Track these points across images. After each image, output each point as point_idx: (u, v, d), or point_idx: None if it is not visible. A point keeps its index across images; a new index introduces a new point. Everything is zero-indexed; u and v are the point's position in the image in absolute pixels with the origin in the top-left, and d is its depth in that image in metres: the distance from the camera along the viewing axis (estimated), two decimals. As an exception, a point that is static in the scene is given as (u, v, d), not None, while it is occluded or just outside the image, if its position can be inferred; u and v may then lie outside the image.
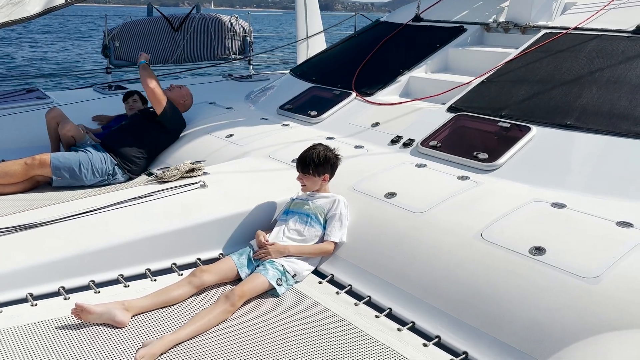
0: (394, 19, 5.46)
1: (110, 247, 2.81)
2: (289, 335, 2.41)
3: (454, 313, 2.44)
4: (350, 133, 4.09)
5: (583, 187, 2.95)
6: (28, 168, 3.89)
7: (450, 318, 2.44)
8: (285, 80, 5.50)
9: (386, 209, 3.03)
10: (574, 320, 2.17)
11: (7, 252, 2.68)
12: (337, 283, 2.86)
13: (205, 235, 3.06)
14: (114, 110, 5.13)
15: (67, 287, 2.66)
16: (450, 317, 2.44)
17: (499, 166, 3.24)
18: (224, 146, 4.20)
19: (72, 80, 12.75)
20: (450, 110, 3.85)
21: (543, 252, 2.43)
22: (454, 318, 2.43)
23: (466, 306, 2.43)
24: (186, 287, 2.67)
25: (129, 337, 2.35)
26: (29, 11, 3.03)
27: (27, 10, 3.00)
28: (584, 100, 3.42)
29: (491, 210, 2.81)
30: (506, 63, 4.03)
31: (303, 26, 7.71)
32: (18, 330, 2.34)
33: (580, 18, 4.10)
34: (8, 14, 2.91)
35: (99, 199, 3.20)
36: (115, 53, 6.40)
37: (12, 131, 4.78)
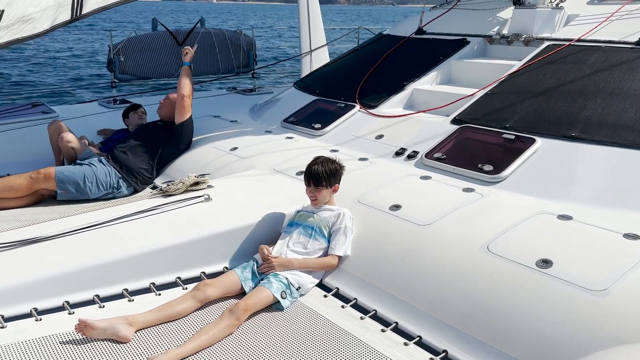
0: (397, 32, 5.48)
1: (114, 261, 2.81)
2: (294, 349, 2.39)
3: (460, 327, 2.42)
4: (354, 145, 4.09)
5: (589, 199, 2.93)
6: (33, 182, 3.90)
7: (457, 332, 2.41)
8: (289, 93, 5.52)
9: (391, 221, 3.02)
10: (582, 333, 2.15)
11: (12, 266, 2.67)
12: (343, 297, 2.84)
13: (210, 248, 3.06)
14: (119, 124, 5.15)
15: (72, 301, 2.66)
16: (457, 331, 2.41)
17: (504, 178, 3.23)
18: (229, 159, 4.21)
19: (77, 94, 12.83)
20: (455, 122, 3.85)
21: (550, 265, 2.41)
22: (460, 332, 2.40)
23: (473, 320, 2.41)
24: (190, 302, 2.66)
25: (133, 352, 2.34)
26: (39, 28, 3.07)
27: (36, 27, 3.04)
28: (588, 112, 3.41)
29: (497, 222, 2.79)
30: (510, 75, 4.03)
31: (306, 39, 7.75)
32: (23, 345, 2.33)
33: (584, 30, 4.11)
34: (18, 31, 2.95)
35: (104, 213, 3.20)
36: (120, 67, 6.44)
37: (17, 145, 4.80)
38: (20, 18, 2.95)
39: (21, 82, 14.85)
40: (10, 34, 2.94)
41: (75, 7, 3.17)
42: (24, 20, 2.97)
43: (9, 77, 15.54)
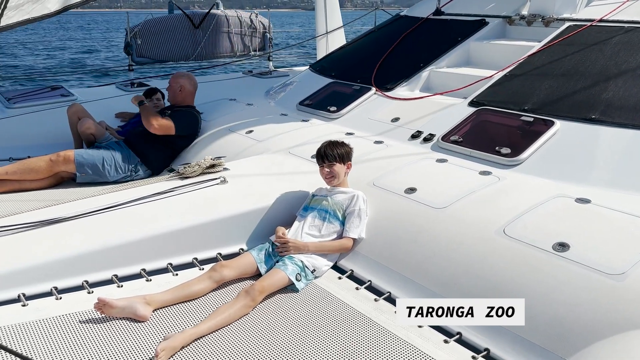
0: (415, 13, 5.41)
1: (132, 242, 2.85)
2: (309, 330, 2.41)
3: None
4: (370, 128, 4.07)
5: (608, 182, 2.88)
6: (53, 164, 3.96)
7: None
8: (304, 76, 5.49)
9: (406, 204, 3.01)
10: (599, 317, 2.13)
11: (33, 246, 2.73)
12: (357, 279, 2.85)
13: (226, 230, 3.08)
14: (136, 107, 5.18)
15: (91, 281, 2.71)
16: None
17: (522, 161, 3.19)
18: (244, 142, 4.22)
19: (94, 77, 12.93)
20: (472, 105, 3.80)
21: (567, 248, 2.39)
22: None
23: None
24: (206, 282, 2.69)
25: (151, 331, 2.38)
26: (49, 8, 3.06)
27: (47, 7, 3.03)
28: (609, 94, 3.34)
29: (514, 205, 2.77)
30: (529, 56, 3.96)
31: (322, 22, 7.69)
32: (43, 323, 2.38)
33: (606, 10, 4.01)
34: (29, 11, 2.94)
35: (122, 195, 3.24)
36: (137, 50, 6.47)
37: (37, 128, 4.87)
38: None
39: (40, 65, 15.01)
40: (20, 14, 2.92)
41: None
42: (33, 0, 2.96)
43: (28, 61, 15.71)
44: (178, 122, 4.32)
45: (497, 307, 2.36)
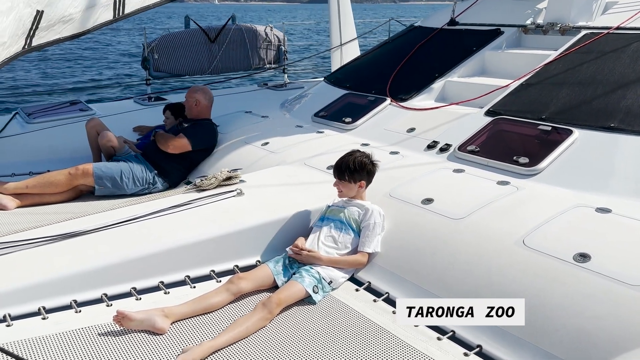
0: (429, 24, 5.42)
1: (151, 255, 2.86)
2: (327, 343, 2.40)
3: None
4: (385, 139, 4.06)
5: (629, 191, 2.84)
6: (72, 178, 4.01)
7: (491, 327, 2.37)
8: (319, 88, 5.52)
9: (423, 215, 2.99)
10: (621, 329, 2.09)
11: (53, 259, 2.76)
12: (374, 291, 2.83)
13: (243, 242, 3.09)
14: (154, 121, 5.24)
15: (110, 294, 2.73)
16: (492, 325, 2.38)
17: (540, 171, 3.16)
18: (260, 154, 4.24)
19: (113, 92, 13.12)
20: (489, 114, 3.78)
21: (588, 259, 2.35)
22: (495, 327, 2.37)
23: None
24: (224, 294, 2.69)
25: (169, 344, 2.39)
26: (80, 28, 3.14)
27: (77, 27, 3.11)
28: (628, 102, 3.30)
29: (533, 215, 2.73)
30: (545, 65, 3.94)
31: (337, 33, 7.73)
32: (63, 336, 2.40)
33: (622, 17, 3.98)
34: (59, 31, 3.02)
35: (140, 208, 3.27)
36: (155, 65, 6.55)
37: (56, 142, 4.94)
38: (61, 19, 3.02)
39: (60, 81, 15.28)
40: (51, 34, 3.01)
41: (117, 7, 3.23)
42: (65, 20, 3.04)
43: (49, 76, 16.00)
44: (193, 137, 4.38)
45: (497, 307, 2.34)
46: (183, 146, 4.34)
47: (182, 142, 4.34)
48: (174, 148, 4.32)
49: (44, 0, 2.88)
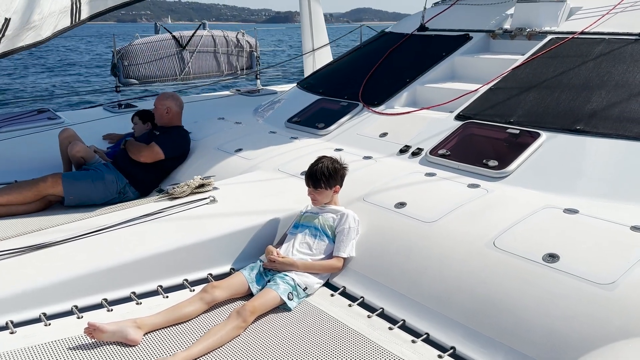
0: (400, 29, 5.47)
1: (122, 265, 2.82)
2: (302, 349, 2.39)
3: (468, 323, 2.41)
4: (358, 144, 4.08)
5: (595, 192, 2.91)
6: (40, 188, 3.93)
7: (465, 329, 2.41)
8: (292, 94, 5.52)
9: (396, 219, 3.02)
10: (591, 327, 2.14)
11: (21, 272, 2.69)
12: (350, 295, 2.84)
13: (216, 250, 3.06)
14: (124, 129, 5.17)
15: (80, 305, 2.67)
16: (465, 327, 2.41)
17: (510, 173, 3.22)
18: (233, 161, 4.21)
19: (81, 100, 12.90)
20: (458, 118, 3.83)
21: (557, 259, 2.40)
22: (468, 328, 2.40)
23: (481, 316, 2.40)
24: (198, 304, 2.67)
25: (142, 355, 2.35)
26: (42, 35, 3.11)
27: (40, 34, 3.08)
28: (593, 105, 3.39)
29: (503, 217, 2.78)
30: (513, 69, 4.02)
31: (309, 39, 7.76)
32: (33, 350, 2.34)
33: (587, 23, 4.09)
34: (22, 39, 2.99)
35: (111, 217, 3.21)
36: (124, 72, 6.47)
37: (24, 152, 4.83)
38: (24, 26, 2.99)
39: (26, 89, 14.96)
40: (13, 41, 2.98)
41: (74, 13, 3.20)
42: (28, 28, 3.01)
43: (14, 84, 15.65)
44: (165, 146, 4.33)
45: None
46: (155, 155, 4.29)
47: (155, 150, 4.28)
48: (146, 157, 4.26)
49: (12, 8, 2.85)
